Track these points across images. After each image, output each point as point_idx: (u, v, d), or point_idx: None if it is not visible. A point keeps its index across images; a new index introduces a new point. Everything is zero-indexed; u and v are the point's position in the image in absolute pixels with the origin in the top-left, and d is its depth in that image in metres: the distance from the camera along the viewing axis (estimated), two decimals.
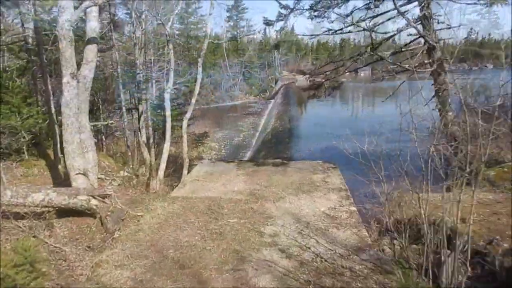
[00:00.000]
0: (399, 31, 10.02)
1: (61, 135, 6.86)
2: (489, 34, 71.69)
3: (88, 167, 6.42)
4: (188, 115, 10.04)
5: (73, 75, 5.96)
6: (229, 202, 6.05)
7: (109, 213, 5.92)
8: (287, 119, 20.68)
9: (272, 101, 48.57)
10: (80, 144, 6.29)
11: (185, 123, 9.89)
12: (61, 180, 8.19)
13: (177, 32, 52.57)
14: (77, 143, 6.19)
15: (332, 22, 11.42)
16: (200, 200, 6.22)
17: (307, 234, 5.11)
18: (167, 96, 9.68)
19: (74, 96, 6.02)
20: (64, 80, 5.95)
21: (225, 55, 58.98)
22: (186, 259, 4.72)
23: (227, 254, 4.78)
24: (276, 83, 59.63)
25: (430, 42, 9.47)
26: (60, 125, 7.54)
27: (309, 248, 4.77)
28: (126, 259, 4.85)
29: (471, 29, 55.18)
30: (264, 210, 5.78)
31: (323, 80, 11.55)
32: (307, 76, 12.66)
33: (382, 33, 10.82)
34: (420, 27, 9.66)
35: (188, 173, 10.38)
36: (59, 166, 9.11)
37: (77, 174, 6.19)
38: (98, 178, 7.94)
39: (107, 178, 10.28)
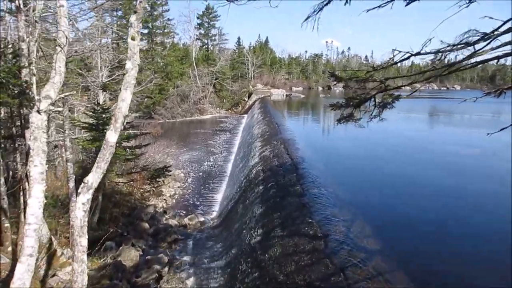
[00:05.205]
0: None
1: None
2: None
3: None
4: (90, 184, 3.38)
5: None
6: None
7: None
8: (281, 146, 14.37)
9: (246, 116, 42.93)
10: None
11: (80, 210, 3.21)
12: None
13: (140, 37, 46.03)
14: None
15: None
16: None
17: None
18: (36, 120, 3.33)
19: None
20: None
21: (194, 64, 53.06)
22: None
23: None
24: (249, 96, 54.59)
25: None
26: None
27: None
28: None
29: None
30: None
31: (375, 93, 5.84)
32: (344, 85, 6.67)
33: None
34: None
35: None
36: None
37: None
38: None
39: None
